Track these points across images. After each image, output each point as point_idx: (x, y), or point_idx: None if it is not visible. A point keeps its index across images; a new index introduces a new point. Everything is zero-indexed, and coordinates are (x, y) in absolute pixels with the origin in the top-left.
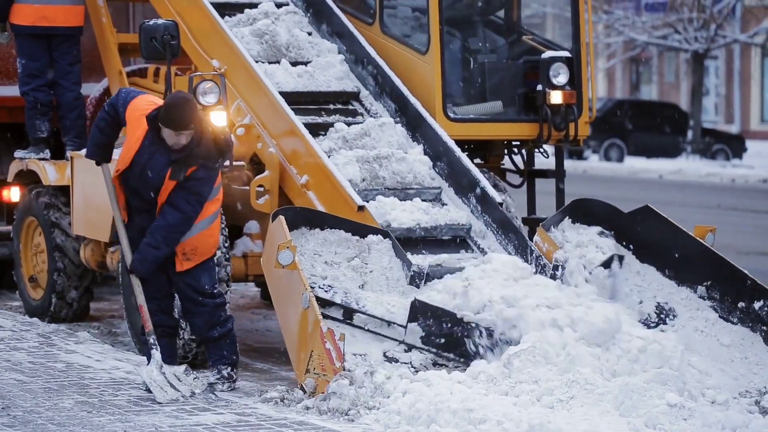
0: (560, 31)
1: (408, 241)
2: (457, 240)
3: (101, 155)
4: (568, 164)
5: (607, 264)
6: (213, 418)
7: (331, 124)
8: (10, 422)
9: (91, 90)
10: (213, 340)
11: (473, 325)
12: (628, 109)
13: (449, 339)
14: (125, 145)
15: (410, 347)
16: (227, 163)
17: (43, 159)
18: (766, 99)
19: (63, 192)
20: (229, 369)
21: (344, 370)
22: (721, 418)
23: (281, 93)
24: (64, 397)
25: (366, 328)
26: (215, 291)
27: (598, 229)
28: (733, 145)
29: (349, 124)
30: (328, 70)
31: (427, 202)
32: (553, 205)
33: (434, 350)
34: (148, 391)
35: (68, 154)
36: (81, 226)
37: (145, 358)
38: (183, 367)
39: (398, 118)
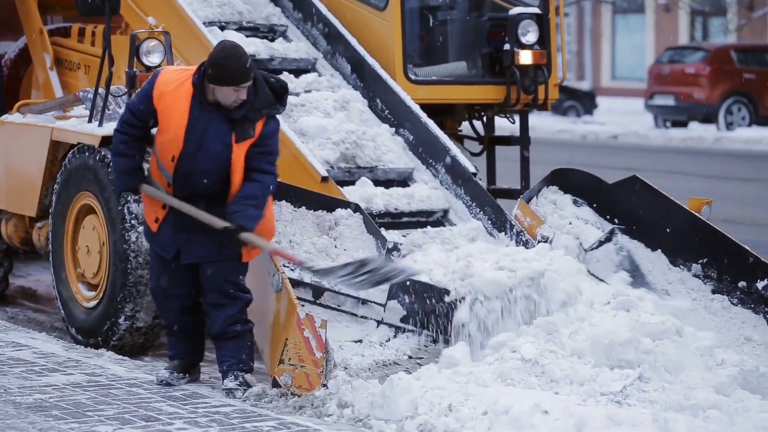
0: None
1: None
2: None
3: (136, 181)
4: None
5: (607, 240)
6: (63, 379)
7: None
8: None
9: (7, 49)
10: (233, 336)
11: (461, 298)
12: None
13: (434, 316)
14: (166, 128)
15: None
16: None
17: None
18: (617, 56)
19: None
20: (248, 375)
21: (326, 360)
22: (569, 372)
23: None
24: None
25: (340, 308)
26: (246, 287)
27: (571, 197)
28: (584, 102)
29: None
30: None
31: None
32: (513, 174)
33: (416, 329)
34: None
35: None
36: (2, 200)
37: None
38: None
39: (354, 82)
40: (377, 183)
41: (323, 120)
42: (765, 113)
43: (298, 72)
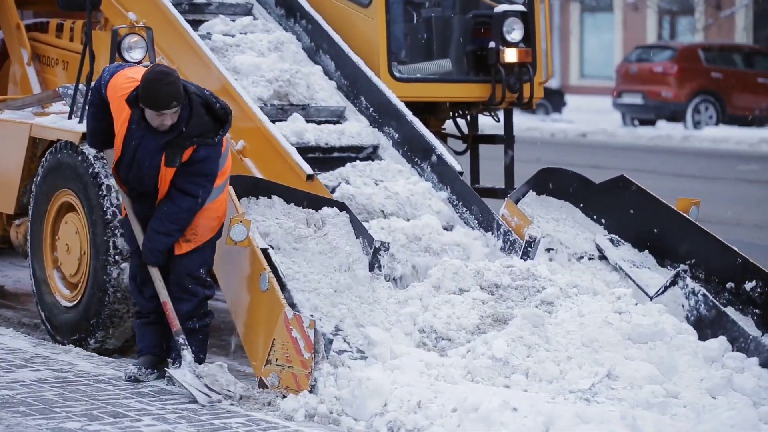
0: None
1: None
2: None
3: (101, 143)
4: None
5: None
6: (30, 375)
7: None
8: None
9: None
10: (187, 332)
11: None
12: None
13: None
14: (115, 132)
15: None
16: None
17: None
18: (585, 54)
19: None
20: None
21: (314, 361)
22: (537, 370)
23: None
24: None
25: None
26: (207, 279)
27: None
28: (552, 100)
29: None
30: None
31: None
32: (494, 173)
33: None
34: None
35: None
36: None
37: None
38: (216, 364)
39: (337, 79)
40: (309, 120)
41: (257, 59)
42: (732, 112)
43: (234, 16)
